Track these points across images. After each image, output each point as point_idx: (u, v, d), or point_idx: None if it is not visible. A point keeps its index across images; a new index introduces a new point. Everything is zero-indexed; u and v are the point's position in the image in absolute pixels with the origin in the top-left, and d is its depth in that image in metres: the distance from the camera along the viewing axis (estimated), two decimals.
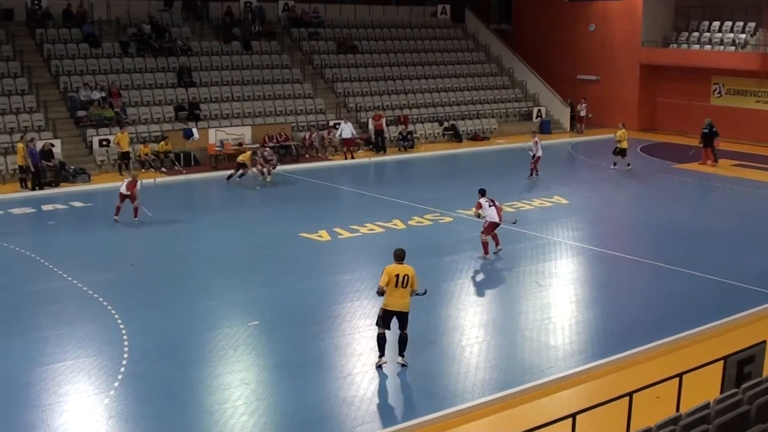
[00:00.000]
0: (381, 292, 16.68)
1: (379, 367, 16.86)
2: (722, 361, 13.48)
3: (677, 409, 12.62)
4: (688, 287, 22.71)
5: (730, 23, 51.34)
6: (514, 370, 17.14)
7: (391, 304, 16.63)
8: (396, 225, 28.68)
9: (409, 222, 29.10)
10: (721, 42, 50.87)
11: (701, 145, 41.43)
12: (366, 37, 52.54)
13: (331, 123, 43.82)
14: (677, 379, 13.28)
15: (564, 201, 32.87)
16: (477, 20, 58.21)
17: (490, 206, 24.73)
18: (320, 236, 27.16)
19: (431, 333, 18.92)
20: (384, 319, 16.80)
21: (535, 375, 16.79)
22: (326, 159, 41.70)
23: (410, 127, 46.28)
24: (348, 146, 42.03)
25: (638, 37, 52.82)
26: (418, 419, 14.76)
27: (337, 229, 27.85)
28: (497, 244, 25.29)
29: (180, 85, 42.69)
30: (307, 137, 42.29)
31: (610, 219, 32.01)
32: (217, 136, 39.94)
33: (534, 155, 36.80)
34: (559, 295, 22.10)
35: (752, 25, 50.05)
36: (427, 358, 17.60)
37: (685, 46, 52.23)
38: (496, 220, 24.77)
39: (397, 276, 16.46)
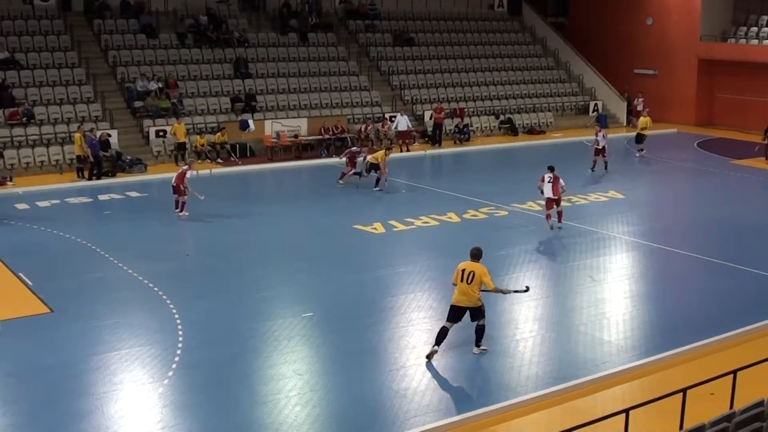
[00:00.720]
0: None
1: (428, 356, 16.92)
2: None
3: (731, 406, 12.53)
4: (742, 284, 22.48)
5: None
6: (568, 364, 17.08)
7: (455, 299, 17.16)
8: (451, 218, 28.64)
9: (464, 215, 29.04)
10: None
11: (766, 142, 40.82)
12: (422, 30, 52.42)
13: (387, 115, 43.81)
14: (731, 375, 13.17)
15: (620, 196, 32.62)
16: (534, 13, 57.89)
17: (548, 182, 26.42)
18: (375, 228, 27.19)
19: (485, 326, 18.90)
20: (449, 313, 17.26)
21: (589, 370, 16.73)
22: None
23: (466, 120, 46.15)
24: (404, 139, 42.03)
25: (696, 31, 52.20)
26: (471, 412, 14.77)
27: (392, 222, 27.86)
28: (559, 220, 26.82)
29: (236, 76, 42.93)
30: (362, 129, 42.32)
31: (665, 214, 31.67)
32: (273, 127, 40.10)
33: (599, 146, 36.65)
34: (614, 290, 21.96)
35: None
36: None
37: (743, 40, 51.56)
38: (550, 195, 26.44)
39: (463, 271, 16.99)
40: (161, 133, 37.98)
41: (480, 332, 17.25)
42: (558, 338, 18.54)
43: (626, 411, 11.92)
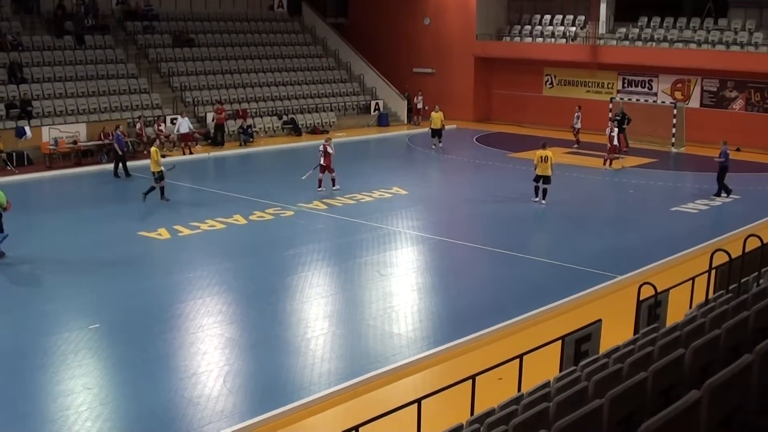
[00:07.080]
0: (534, 167, 30.49)
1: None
2: (560, 341, 13.86)
3: (519, 389, 12.91)
4: (525, 271, 23.32)
5: (560, 17, 53.04)
6: (360, 359, 17.28)
7: (539, 171, 30.30)
8: (237, 220, 28.48)
9: (251, 217, 28.93)
10: (552, 35, 52.39)
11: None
12: (202, 31, 51.92)
13: (169, 118, 43.15)
14: (518, 360, 13.59)
15: (403, 192, 33.21)
16: (314, 14, 58.28)
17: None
18: (160, 234, 26.73)
19: (276, 327, 18.93)
20: (536, 179, 30.50)
21: (380, 363, 16.95)
22: (164, 155, 41.02)
23: (249, 121, 46.01)
24: (186, 141, 41.52)
25: (472, 31, 53.85)
26: (266, 414, 14.68)
27: (177, 227, 27.46)
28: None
29: (11, 81, 41.31)
30: (139, 128, 41.33)
31: (448, 208, 32.49)
32: (50, 134, 38.79)
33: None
34: (401, 283, 22.37)
35: (581, 18, 51.83)
36: (272, 352, 17.59)
37: (518, 39, 53.61)
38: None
39: (542, 157, 30.11)
40: None
41: (546, 193, 30.53)
42: (349, 334, 18.73)
43: (418, 401, 12.12)
